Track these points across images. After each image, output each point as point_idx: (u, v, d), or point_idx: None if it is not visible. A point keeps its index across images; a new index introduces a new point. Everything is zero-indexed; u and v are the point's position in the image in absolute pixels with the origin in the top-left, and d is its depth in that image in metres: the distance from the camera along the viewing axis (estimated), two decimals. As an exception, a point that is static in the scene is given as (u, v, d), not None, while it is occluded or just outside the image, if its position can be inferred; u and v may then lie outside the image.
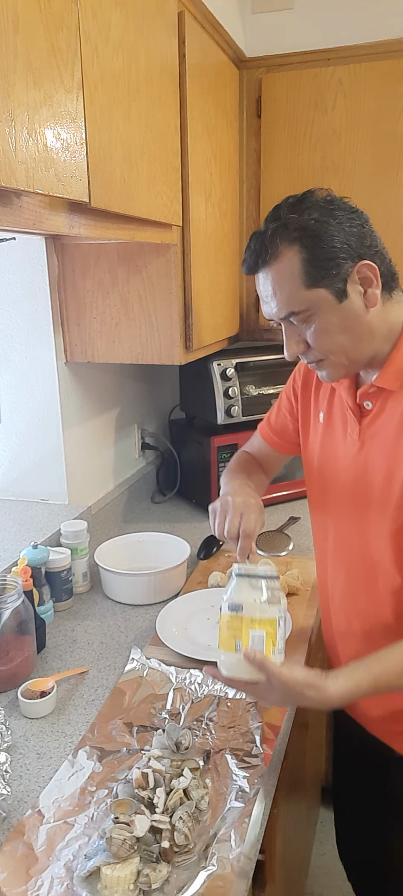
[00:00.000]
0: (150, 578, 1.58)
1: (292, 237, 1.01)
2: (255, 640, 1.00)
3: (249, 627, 1.00)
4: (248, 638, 1.00)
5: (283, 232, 1.01)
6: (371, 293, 1.02)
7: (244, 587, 1.03)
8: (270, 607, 1.02)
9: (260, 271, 1.06)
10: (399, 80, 1.90)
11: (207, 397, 2.06)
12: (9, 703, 1.22)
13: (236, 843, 0.90)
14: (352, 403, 1.13)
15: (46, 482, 1.83)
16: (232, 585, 1.05)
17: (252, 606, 1.01)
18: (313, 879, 1.96)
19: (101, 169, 1.16)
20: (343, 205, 1.04)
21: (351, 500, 1.15)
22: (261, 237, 1.04)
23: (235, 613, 1.02)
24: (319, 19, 1.99)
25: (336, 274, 1.00)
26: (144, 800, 0.94)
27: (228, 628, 1.02)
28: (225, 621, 1.03)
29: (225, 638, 1.02)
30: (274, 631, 1.01)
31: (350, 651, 1.21)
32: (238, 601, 1.02)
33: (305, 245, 1.00)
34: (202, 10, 1.66)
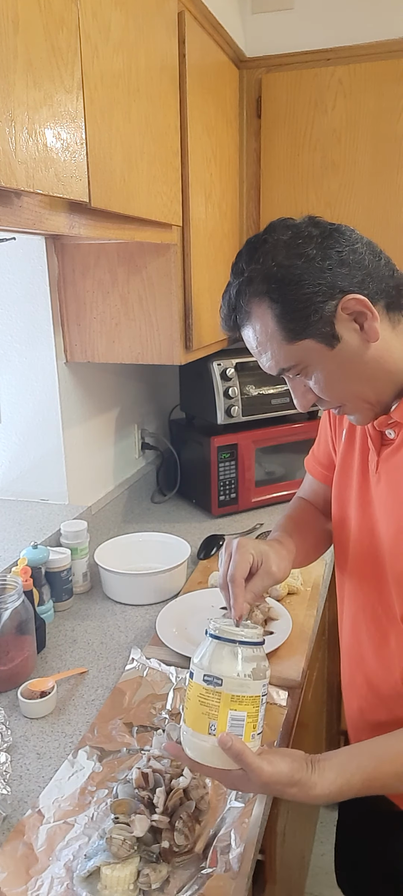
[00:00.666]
0: (150, 578, 1.58)
1: (259, 291, 0.89)
2: (234, 724, 0.84)
3: (228, 707, 0.84)
4: (226, 720, 0.83)
5: (248, 287, 0.90)
6: (369, 326, 0.88)
7: (224, 655, 0.86)
8: (254, 682, 0.85)
9: (241, 330, 0.96)
10: (399, 80, 1.90)
11: (207, 397, 2.06)
12: (9, 703, 1.22)
13: (236, 843, 0.90)
14: (372, 430, 0.99)
15: (46, 482, 1.83)
16: (208, 648, 0.87)
17: (233, 681, 0.84)
18: (313, 879, 1.96)
19: (101, 169, 1.16)
20: (311, 232, 0.89)
21: (367, 533, 1.02)
22: (229, 298, 0.94)
23: (212, 687, 0.84)
24: (319, 19, 1.99)
25: (319, 320, 0.87)
26: (144, 800, 0.94)
27: (201, 704, 0.85)
28: (196, 693, 0.85)
29: (196, 715, 0.85)
30: (257, 711, 0.85)
31: (353, 705, 1.10)
32: (217, 672, 0.84)
33: (274, 299, 0.88)
34: (202, 10, 1.66)
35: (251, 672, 0.85)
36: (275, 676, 1.25)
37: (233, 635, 0.87)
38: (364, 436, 1.05)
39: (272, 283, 0.88)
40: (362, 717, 1.09)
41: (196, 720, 0.85)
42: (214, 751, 0.84)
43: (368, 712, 1.07)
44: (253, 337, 0.94)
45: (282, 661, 1.30)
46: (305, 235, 0.89)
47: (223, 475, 2.07)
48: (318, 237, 0.89)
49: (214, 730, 0.84)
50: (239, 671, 0.85)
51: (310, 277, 0.86)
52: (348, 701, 1.14)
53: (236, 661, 0.85)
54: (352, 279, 0.87)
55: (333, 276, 0.87)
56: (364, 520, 1.03)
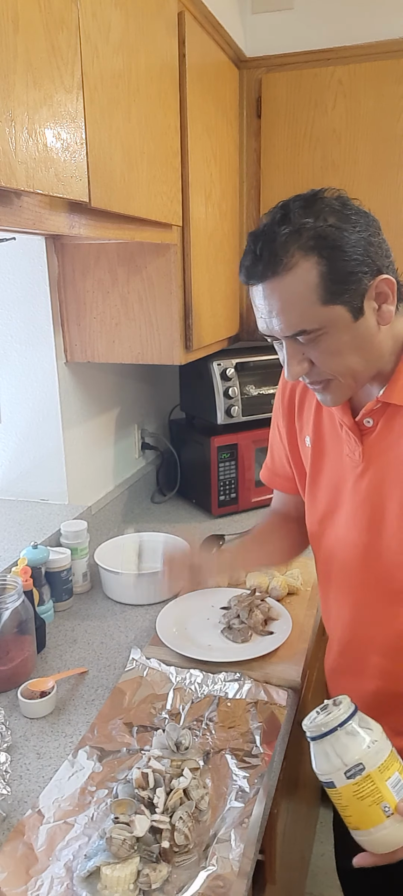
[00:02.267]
0: (150, 578, 1.57)
1: (309, 246, 0.88)
2: (397, 788, 0.82)
3: (383, 780, 0.82)
4: (390, 792, 0.82)
5: (298, 239, 0.88)
6: (386, 310, 0.93)
7: (346, 742, 0.84)
8: (381, 741, 0.84)
9: (264, 282, 0.92)
10: (399, 80, 1.90)
11: (207, 397, 2.06)
12: (9, 703, 1.22)
13: (236, 843, 0.90)
14: (349, 421, 1.04)
15: (46, 482, 1.83)
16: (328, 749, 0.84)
17: (369, 754, 0.82)
18: (313, 879, 1.96)
19: (101, 169, 1.16)
20: (358, 209, 0.93)
21: (356, 525, 1.06)
22: (270, 243, 0.90)
23: (360, 777, 0.82)
24: (319, 19, 1.99)
25: (356, 289, 0.90)
26: (144, 800, 0.94)
27: (361, 800, 0.82)
28: (351, 794, 0.83)
29: (364, 812, 0.82)
30: (400, 761, 0.85)
31: (369, 688, 1.11)
32: (354, 761, 0.82)
33: (324, 256, 0.88)
34: (202, 10, 1.66)
35: (372, 730, 0.85)
36: (275, 676, 1.25)
37: (338, 719, 0.85)
38: (332, 434, 1.09)
39: (324, 240, 0.88)
40: (379, 696, 1.10)
41: (367, 818, 0.83)
42: (399, 826, 0.82)
43: (390, 686, 1.08)
44: (282, 291, 0.91)
45: (282, 661, 1.30)
46: (352, 206, 0.92)
47: (223, 475, 2.07)
48: (363, 215, 0.92)
49: (389, 809, 0.82)
50: (367, 742, 0.84)
51: (359, 248, 0.89)
52: (359, 685, 1.12)
53: (357, 737, 0.84)
54: (384, 261, 0.93)
55: (375, 253, 0.91)
56: (357, 509, 1.05)
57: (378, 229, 0.94)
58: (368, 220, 0.93)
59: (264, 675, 1.26)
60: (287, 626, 1.38)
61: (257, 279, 0.94)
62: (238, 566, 1.30)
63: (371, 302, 0.93)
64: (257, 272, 0.93)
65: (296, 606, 1.50)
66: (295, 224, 0.89)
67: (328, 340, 0.93)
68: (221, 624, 1.42)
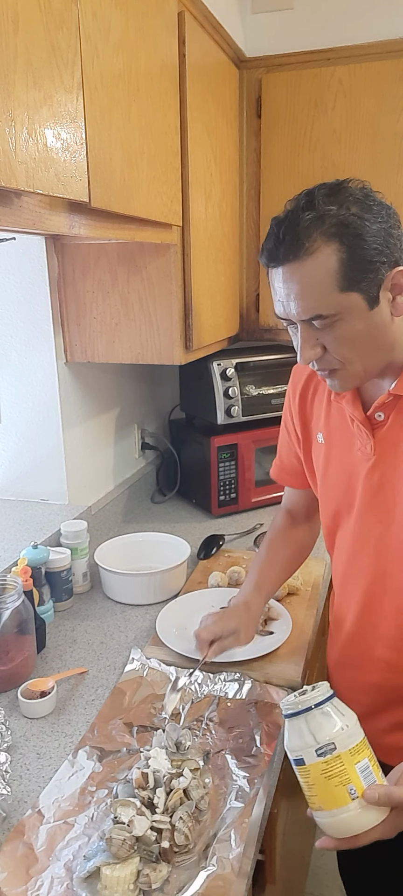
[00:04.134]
0: (150, 578, 1.58)
1: (330, 232, 0.91)
2: (364, 774, 0.83)
3: (353, 762, 0.82)
4: (358, 777, 0.82)
5: (321, 225, 0.91)
6: (401, 301, 0.96)
7: (321, 721, 0.85)
8: (355, 728, 0.85)
9: (285, 265, 0.94)
10: (399, 80, 1.90)
11: (207, 397, 2.06)
12: (9, 703, 1.22)
13: (236, 843, 0.90)
14: (361, 416, 1.06)
15: (46, 482, 1.83)
16: (302, 726, 0.85)
17: (342, 737, 0.83)
18: (313, 879, 1.96)
19: (101, 169, 1.16)
20: (380, 201, 0.95)
21: (368, 518, 1.08)
22: (293, 227, 0.92)
23: (330, 756, 0.82)
24: (319, 19, 1.99)
25: (373, 279, 0.92)
26: (144, 800, 0.94)
27: (329, 778, 0.82)
28: (319, 772, 0.83)
29: (330, 792, 0.83)
30: (370, 749, 0.85)
31: (373, 679, 1.14)
32: (326, 740, 0.83)
33: (345, 243, 0.90)
34: (202, 10, 1.66)
35: (346, 716, 0.86)
36: (275, 676, 1.25)
37: (315, 699, 0.86)
38: (342, 429, 1.11)
39: (346, 228, 0.91)
40: (382, 688, 1.12)
41: (332, 798, 0.83)
42: (362, 813, 0.82)
43: (394, 678, 1.10)
44: (302, 275, 0.93)
45: (282, 661, 1.30)
46: (374, 198, 0.94)
47: (223, 475, 2.07)
48: (385, 207, 0.95)
49: (355, 792, 0.82)
50: (341, 724, 0.85)
51: (379, 238, 0.92)
52: (363, 677, 1.15)
53: (332, 719, 0.85)
54: (401, 254, 0.95)
55: (394, 245, 0.93)
56: (369, 502, 1.07)
57: (398, 222, 0.96)
58: (389, 213, 0.95)
59: (264, 675, 1.26)
60: (287, 626, 1.38)
61: (278, 262, 0.95)
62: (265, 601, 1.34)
63: (386, 292, 0.95)
64: (278, 255, 0.94)
65: (296, 606, 1.50)
66: (318, 210, 0.92)
67: (343, 327, 0.95)
68: (221, 624, 1.42)
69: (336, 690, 1.22)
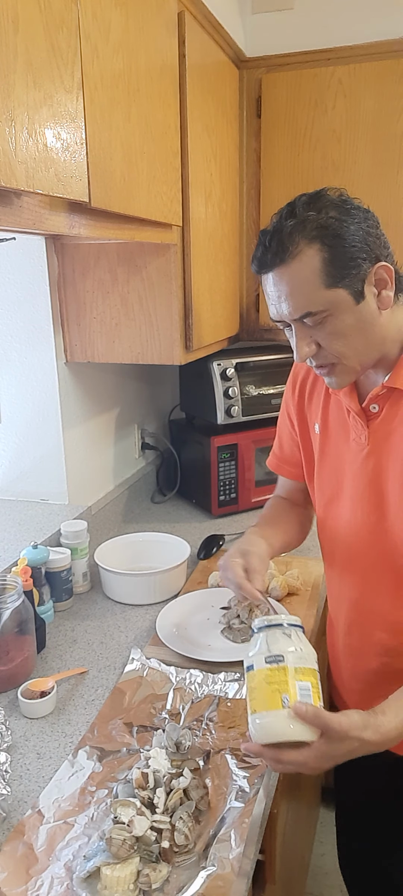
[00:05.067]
0: (150, 578, 1.58)
1: (312, 235, 0.98)
2: (302, 693, 0.87)
3: (295, 678, 0.87)
4: (295, 690, 0.87)
5: (303, 230, 0.98)
6: (385, 295, 1.01)
7: (279, 637, 0.92)
8: (309, 657, 0.91)
9: (274, 270, 1.01)
10: (399, 80, 1.90)
11: (207, 397, 2.06)
12: (9, 703, 1.22)
13: (236, 843, 0.90)
14: (356, 407, 1.10)
15: (46, 482, 1.83)
16: (262, 638, 0.93)
17: (293, 655, 0.90)
18: (313, 879, 1.96)
19: (101, 169, 1.16)
20: (357, 205, 1.01)
21: (362, 506, 1.11)
22: (278, 234, 0.99)
23: (276, 665, 0.88)
24: (319, 19, 1.99)
25: (356, 274, 0.98)
26: (144, 800, 0.94)
27: (269, 684, 0.88)
28: (263, 677, 0.89)
29: (266, 695, 0.88)
30: (318, 682, 0.90)
31: (372, 665, 1.16)
32: (277, 651, 0.90)
33: (326, 244, 0.97)
34: (202, 10, 1.66)
35: (305, 646, 0.92)
36: (275, 676, 1.25)
37: (282, 619, 0.94)
38: (339, 420, 1.16)
39: (325, 230, 0.97)
40: (382, 673, 1.15)
41: (266, 700, 0.88)
42: (290, 722, 0.86)
43: (393, 662, 1.13)
44: (289, 277, 1.00)
45: (282, 661, 1.30)
46: (352, 203, 1.01)
47: (223, 475, 2.07)
48: (362, 210, 1.01)
49: (287, 701, 0.87)
50: (296, 647, 0.91)
51: (358, 237, 0.98)
52: (363, 664, 1.18)
53: (290, 639, 0.92)
54: (382, 251, 1.01)
55: (373, 243, 1.00)
56: (363, 490, 1.11)
57: (377, 223, 1.02)
58: (367, 215, 1.01)
59: (264, 675, 1.25)
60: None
61: (267, 268, 1.02)
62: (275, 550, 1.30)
63: (371, 287, 1.00)
64: (267, 261, 1.01)
65: (296, 606, 1.50)
66: (299, 217, 0.99)
67: (333, 322, 1.00)
68: (221, 624, 1.42)
69: (338, 681, 1.25)
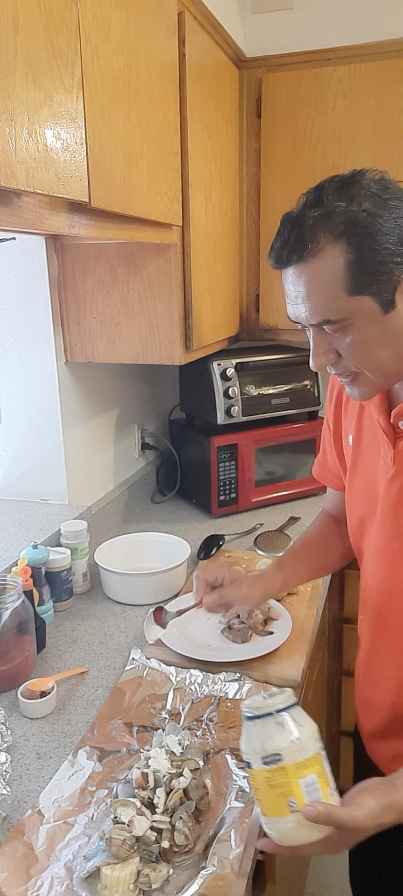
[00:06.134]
0: (150, 578, 1.58)
1: (337, 231, 0.84)
2: (309, 790, 0.81)
3: (298, 777, 0.81)
4: (301, 790, 0.81)
5: (327, 224, 0.84)
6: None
7: (272, 729, 0.83)
8: (309, 741, 0.83)
9: (292, 266, 0.88)
10: (399, 80, 1.90)
11: (207, 397, 2.06)
12: (9, 703, 1.22)
13: (236, 843, 0.90)
14: (385, 423, 0.99)
15: (46, 482, 1.83)
16: (253, 732, 0.84)
17: (291, 749, 0.82)
18: (313, 879, 1.96)
19: (101, 169, 1.16)
20: (399, 192, 0.86)
21: (387, 531, 1.01)
22: (299, 226, 0.86)
23: (274, 766, 0.81)
24: (319, 19, 1.99)
25: (387, 281, 0.85)
26: (144, 800, 0.94)
27: (271, 788, 0.82)
28: (263, 780, 0.82)
29: (272, 801, 0.82)
30: (323, 769, 0.83)
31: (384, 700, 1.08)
32: (273, 750, 0.82)
33: (353, 244, 0.84)
34: (202, 10, 1.66)
35: (303, 730, 0.83)
36: (275, 676, 1.25)
37: (271, 707, 0.84)
38: (372, 433, 1.04)
39: (354, 226, 0.83)
40: (393, 712, 1.07)
41: (273, 807, 0.82)
42: (303, 826, 0.80)
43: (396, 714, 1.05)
44: (308, 277, 0.87)
45: (282, 661, 1.30)
46: (393, 190, 0.86)
47: (223, 475, 2.07)
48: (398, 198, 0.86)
49: (295, 806, 0.81)
50: (293, 737, 0.83)
51: (393, 236, 0.84)
52: (376, 697, 1.11)
53: (285, 729, 0.83)
54: None
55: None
56: (386, 515, 1.02)
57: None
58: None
59: (264, 675, 1.26)
60: (287, 626, 1.38)
61: (283, 264, 0.90)
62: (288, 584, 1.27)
63: (401, 297, 0.87)
64: (283, 256, 0.89)
65: (296, 606, 1.50)
66: (326, 207, 0.85)
67: (355, 332, 0.88)
68: (221, 624, 1.42)
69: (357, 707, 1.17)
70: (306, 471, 2.19)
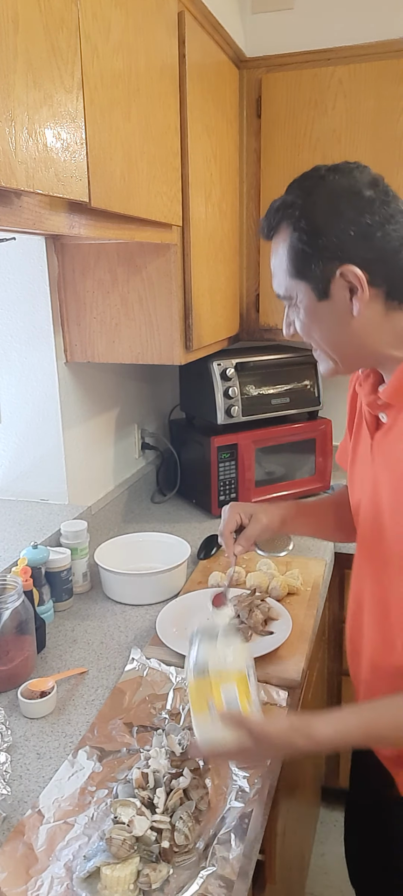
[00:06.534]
0: (150, 578, 1.58)
1: (290, 216, 0.94)
2: (228, 697, 0.92)
3: (219, 684, 0.93)
4: (220, 696, 0.92)
5: (285, 210, 0.95)
6: (356, 301, 0.93)
7: (205, 645, 0.97)
8: (237, 660, 0.95)
9: (269, 241, 1.01)
10: (399, 80, 1.90)
11: (207, 397, 2.06)
12: (9, 703, 1.22)
13: (236, 843, 0.90)
14: (368, 414, 1.04)
15: (46, 482, 1.83)
16: (192, 650, 0.98)
17: (216, 660, 0.94)
18: (313, 879, 1.96)
19: (101, 169, 1.16)
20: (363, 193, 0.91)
21: (365, 521, 1.08)
22: (272, 209, 0.98)
23: (201, 676, 0.94)
24: (319, 19, 1.99)
25: (322, 272, 0.92)
26: (144, 800, 0.95)
27: (198, 692, 0.95)
28: (193, 688, 0.96)
29: (197, 703, 0.95)
30: (246, 685, 0.94)
31: (363, 677, 1.15)
32: (202, 662, 0.95)
33: (297, 232, 0.93)
34: (202, 10, 1.66)
35: (231, 651, 0.95)
36: (275, 676, 1.25)
37: (209, 629, 0.98)
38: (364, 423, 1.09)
39: (301, 219, 0.93)
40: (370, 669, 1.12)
41: (197, 708, 0.94)
42: (219, 727, 0.91)
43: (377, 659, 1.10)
44: (273, 253, 1.00)
45: (282, 661, 1.30)
46: (355, 192, 0.92)
47: (223, 475, 2.07)
48: (366, 201, 0.91)
49: (213, 708, 0.92)
50: (220, 652, 0.95)
51: (331, 231, 0.91)
52: (357, 676, 1.17)
53: (215, 645, 0.96)
54: (365, 254, 0.91)
55: (350, 242, 0.91)
56: (368, 500, 1.07)
57: (379, 224, 0.90)
58: (368, 209, 0.90)
59: (264, 675, 1.26)
60: (287, 626, 1.38)
61: (264, 238, 1.02)
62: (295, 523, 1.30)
63: (342, 289, 0.93)
64: (262, 230, 1.02)
65: (296, 606, 1.50)
66: (289, 195, 0.97)
67: (300, 311, 0.99)
68: (221, 624, 1.42)
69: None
70: (306, 471, 2.20)
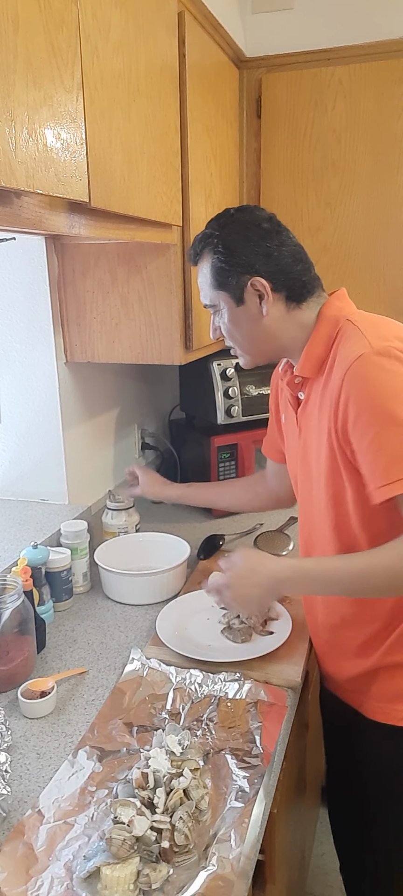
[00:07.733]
0: (150, 578, 1.58)
1: (211, 244, 1.23)
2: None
3: None
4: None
5: (206, 241, 1.24)
6: (264, 304, 1.21)
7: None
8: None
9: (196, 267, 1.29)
10: (399, 80, 1.90)
11: (207, 397, 2.06)
12: (9, 703, 1.22)
13: (236, 843, 0.90)
14: (290, 396, 1.29)
15: (46, 482, 1.83)
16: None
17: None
18: (313, 879, 1.96)
19: (101, 169, 1.16)
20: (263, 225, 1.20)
21: (302, 485, 1.30)
22: (196, 241, 1.26)
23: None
24: (319, 19, 1.99)
25: (236, 283, 1.20)
26: (144, 800, 0.95)
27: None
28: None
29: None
30: None
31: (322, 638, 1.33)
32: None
33: (216, 255, 1.21)
34: (202, 10, 1.66)
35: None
36: (275, 676, 1.25)
37: None
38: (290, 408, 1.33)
39: (218, 245, 1.22)
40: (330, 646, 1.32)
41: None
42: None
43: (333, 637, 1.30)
44: (198, 273, 1.28)
45: (282, 661, 1.30)
46: (257, 225, 1.22)
47: (223, 475, 2.07)
48: (265, 231, 1.21)
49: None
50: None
51: (242, 252, 1.20)
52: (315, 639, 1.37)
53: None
54: (267, 268, 1.20)
55: (256, 259, 1.20)
56: (301, 467, 1.30)
57: (277, 246, 1.20)
58: (268, 236, 1.20)
59: (264, 675, 1.26)
60: (287, 626, 1.38)
61: (190, 261, 1.32)
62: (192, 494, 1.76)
63: (253, 296, 1.21)
64: (189, 257, 1.31)
65: (296, 606, 1.50)
66: (208, 229, 1.25)
67: (223, 316, 1.26)
68: (221, 624, 1.42)
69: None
70: (306, 471, 2.19)
